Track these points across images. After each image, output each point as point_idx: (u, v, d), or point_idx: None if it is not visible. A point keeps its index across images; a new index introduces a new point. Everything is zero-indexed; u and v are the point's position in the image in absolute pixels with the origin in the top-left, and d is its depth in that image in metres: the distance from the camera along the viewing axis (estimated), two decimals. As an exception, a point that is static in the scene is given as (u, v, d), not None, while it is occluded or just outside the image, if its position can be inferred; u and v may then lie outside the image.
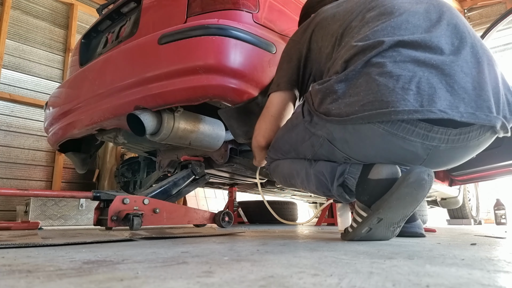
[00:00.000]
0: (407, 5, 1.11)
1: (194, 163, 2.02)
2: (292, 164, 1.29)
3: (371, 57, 0.99)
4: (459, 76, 0.98)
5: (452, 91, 0.95)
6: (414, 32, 1.03)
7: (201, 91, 1.42)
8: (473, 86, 0.98)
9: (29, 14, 3.74)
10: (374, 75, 0.97)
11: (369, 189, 1.07)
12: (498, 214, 3.91)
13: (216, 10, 1.54)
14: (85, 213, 3.04)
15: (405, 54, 0.98)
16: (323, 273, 0.51)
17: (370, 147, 1.04)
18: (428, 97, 0.93)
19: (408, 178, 0.99)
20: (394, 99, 0.93)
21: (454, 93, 0.95)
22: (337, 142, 1.08)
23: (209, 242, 1.08)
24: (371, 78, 0.97)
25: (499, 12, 5.10)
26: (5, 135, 3.40)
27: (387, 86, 0.94)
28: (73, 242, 1.03)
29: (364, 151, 1.06)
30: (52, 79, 3.79)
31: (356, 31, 1.10)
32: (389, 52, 0.99)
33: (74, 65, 2.20)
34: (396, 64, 0.96)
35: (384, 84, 0.94)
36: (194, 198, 4.42)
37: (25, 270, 0.53)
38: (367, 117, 0.95)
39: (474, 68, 1.01)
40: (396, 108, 0.92)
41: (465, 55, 1.02)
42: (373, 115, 0.94)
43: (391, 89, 0.93)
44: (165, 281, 0.45)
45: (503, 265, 0.61)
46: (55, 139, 2.16)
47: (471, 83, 0.98)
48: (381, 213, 1.04)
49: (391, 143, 1.00)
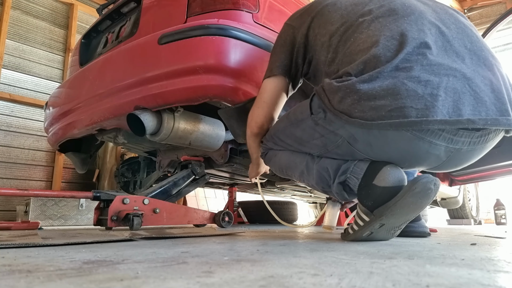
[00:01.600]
0: (418, 5, 1.10)
1: (194, 163, 2.02)
2: (291, 156, 1.26)
3: (397, 60, 0.96)
4: (479, 79, 0.98)
5: (475, 95, 0.95)
6: (433, 34, 1.02)
7: (201, 91, 1.42)
8: (491, 88, 0.98)
9: (29, 14, 3.74)
10: (402, 79, 0.94)
11: (373, 195, 1.05)
12: (498, 214, 3.91)
13: (216, 10, 1.54)
14: (85, 213, 3.04)
15: (430, 57, 0.97)
16: (323, 273, 0.51)
17: (394, 150, 1.02)
18: (454, 103, 0.93)
19: (414, 188, 0.98)
20: (423, 106, 0.91)
21: (477, 96, 0.95)
22: (359, 144, 1.04)
23: (209, 242, 1.08)
24: (400, 82, 0.93)
25: (499, 12, 5.10)
26: (5, 135, 3.40)
27: (416, 92, 0.92)
28: (73, 242, 1.03)
29: (388, 154, 1.04)
30: (52, 79, 3.79)
31: (366, 26, 1.07)
32: (414, 56, 0.97)
33: (74, 65, 2.20)
34: (423, 69, 0.95)
35: (413, 90, 0.92)
36: (194, 198, 4.42)
37: (25, 270, 0.53)
38: (396, 125, 0.92)
39: (489, 70, 1.02)
40: (427, 117, 0.90)
41: (480, 58, 1.03)
42: (403, 123, 0.92)
43: (421, 96, 0.92)
44: (165, 281, 0.45)
45: (503, 265, 0.61)
46: (55, 139, 2.16)
47: (490, 85, 0.99)
48: (383, 220, 1.04)
49: (416, 147, 0.98)
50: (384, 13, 1.08)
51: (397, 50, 0.98)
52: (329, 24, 1.16)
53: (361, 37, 1.06)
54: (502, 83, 1.01)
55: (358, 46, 1.05)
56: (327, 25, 1.17)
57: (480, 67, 1.01)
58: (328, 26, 1.16)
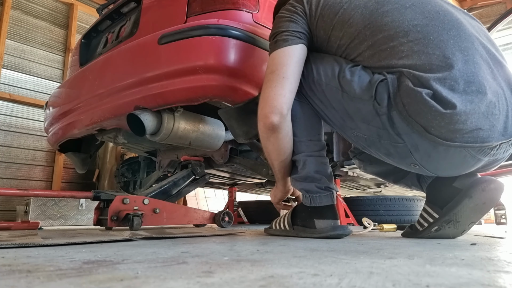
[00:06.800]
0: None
1: (194, 163, 2.02)
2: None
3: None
4: (506, 87, 1.02)
5: (509, 104, 1.00)
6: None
7: (201, 91, 1.42)
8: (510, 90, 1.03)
9: (29, 14, 3.74)
10: (476, 102, 0.95)
11: (448, 195, 1.13)
12: (498, 214, 3.90)
13: (216, 10, 1.54)
14: (85, 213, 3.03)
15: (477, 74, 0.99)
16: (323, 273, 0.51)
17: (447, 163, 1.05)
18: (502, 118, 0.97)
19: (485, 187, 1.07)
20: (488, 127, 0.95)
21: (509, 105, 1.00)
22: (418, 153, 1.03)
23: (209, 242, 1.08)
24: (476, 106, 0.95)
25: (499, 12, 5.10)
26: (5, 135, 3.40)
27: (484, 114, 0.95)
28: (73, 242, 1.03)
29: (440, 165, 1.07)
30: (52, 79, 3.79)
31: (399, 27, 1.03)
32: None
33: (74, 65, 2.20)
34: (485, 89, 0.97)
35: (483, 112, 0.95)
36: (194, 198, 4.42)
37: (25, 270, 0.53)
38: (467, 147, 0.96)
39: (507, 73, 1.06)
40: (491, 142, 0.95)
41: (501, 66, 1.07)
42: (474, 147, 0.96)
43: (486, 117, 0.95)
44: (165, 281, 0.45)
45: (503, 265, 0.61)
46: (55, 139, 2.16)
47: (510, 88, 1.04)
48: (451, 216, 1.11)
49: (466, 161, 1.02)
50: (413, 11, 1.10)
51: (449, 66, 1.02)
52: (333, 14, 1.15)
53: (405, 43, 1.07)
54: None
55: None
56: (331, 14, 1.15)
57: (504, 72, 1.06)
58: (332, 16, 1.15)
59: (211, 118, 1.74)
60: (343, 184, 2.80)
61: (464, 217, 1.12)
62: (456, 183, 1.14)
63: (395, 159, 1.11)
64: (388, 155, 1.11)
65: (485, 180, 1.09)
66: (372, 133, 1.06)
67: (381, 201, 2.68)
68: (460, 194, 1.10)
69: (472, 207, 1.10)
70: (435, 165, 1.07)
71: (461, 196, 1.10)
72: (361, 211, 2.62)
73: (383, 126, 1.02)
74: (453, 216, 1.12)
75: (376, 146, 1.11)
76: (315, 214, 1.21)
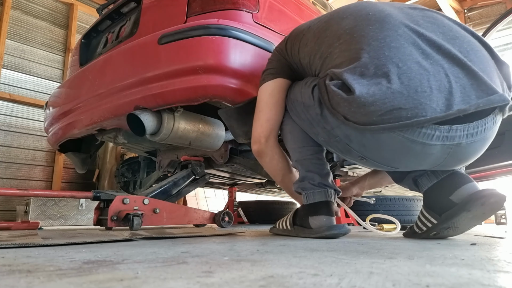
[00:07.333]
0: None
1: (194, 163, 2.02)
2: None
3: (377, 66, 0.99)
4: (449, 65, 0.99)
5: (462, 84, 0.96)
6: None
7: (201, 91, 1.42)
8: (479, 68, 0.99)
9: (29, 14, 3.74)
10: (385, 84, 0.95)
11: (444, 206, 1.13)
12: (498, 214, 3.91)
13: (216, 10, 1.54)
14: (85, 213, 3.04)
15: (407, 52, 0.99)
16: (323, 273, 0.51)
17: (388, 152, 1.04)
18: (441, 95, 0.94)
19: (483, 202, 1.05)
20: (412, 106, 0.92)
21: (464, 85, 0.96)
22: (354, 144, 1.06)
23: (209, 242, 1.08)
24: (384, 87, 0.95)
25: (499, 12, 5.10)
26: (5, 135, 3.40)
27: (401, 93, 0.93)
28: (73, 242, 1.03)
29: (382, 155, 1.07)
30: (52, 79, 3.79)
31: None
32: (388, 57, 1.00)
33: (74, 65, 2.20)
34: (401, 69, 0.97)
35: (398, 92, 0.93)
36: (194, 198, 4.42)
37: (25, 270, 0.53)
38: (388, 128, 0.95)
39: (477, 50, 1.04)
40: (417, 118, 0.92)
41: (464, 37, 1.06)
42: (395, 127, 0.94)
43: (406, 96, 0.93)
44: (165, 281, 0.45)
45: (503, 265, 0.61)
46: (55, 139, 2.16)
47: (478, 65, 1.00)
48: (449, 224, 1.11)
49: (410, 149, 1.00)
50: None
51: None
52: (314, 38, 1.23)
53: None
54: (486, 65, 1.02)
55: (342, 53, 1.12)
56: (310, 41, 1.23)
57: (470, 46, 1.04)
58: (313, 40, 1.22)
59: (211, 118, 1.74)
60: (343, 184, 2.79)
61: (463, 224, 1.13)
62: (452, 197, 1.11)
63: (346, 155, 1.16)
64: (341, 153, 1.17)
65: (485, 194, 1.05)
66: (324, 134, 1.14)
67: (381, 201, 2.68)
68: (457, 207, 1.08)
69: (471, 217, 1.10)
70: (380, 155, 1.07)
71: (458, 208, 1.08)
72: (361, 211, 2.62)
73: (324, 124, 1.11)
74: (452, 224, 1.11)
75: (332, 146, 1.17)
76: (310, 211, 1.24)
